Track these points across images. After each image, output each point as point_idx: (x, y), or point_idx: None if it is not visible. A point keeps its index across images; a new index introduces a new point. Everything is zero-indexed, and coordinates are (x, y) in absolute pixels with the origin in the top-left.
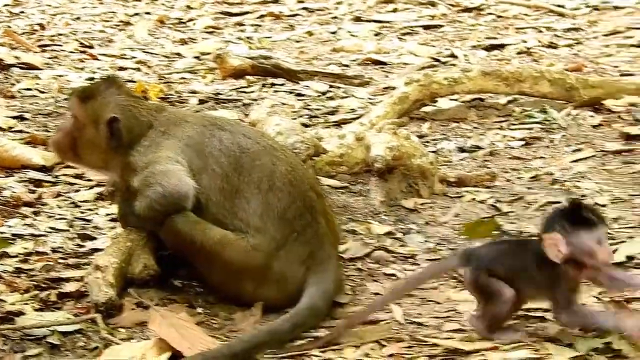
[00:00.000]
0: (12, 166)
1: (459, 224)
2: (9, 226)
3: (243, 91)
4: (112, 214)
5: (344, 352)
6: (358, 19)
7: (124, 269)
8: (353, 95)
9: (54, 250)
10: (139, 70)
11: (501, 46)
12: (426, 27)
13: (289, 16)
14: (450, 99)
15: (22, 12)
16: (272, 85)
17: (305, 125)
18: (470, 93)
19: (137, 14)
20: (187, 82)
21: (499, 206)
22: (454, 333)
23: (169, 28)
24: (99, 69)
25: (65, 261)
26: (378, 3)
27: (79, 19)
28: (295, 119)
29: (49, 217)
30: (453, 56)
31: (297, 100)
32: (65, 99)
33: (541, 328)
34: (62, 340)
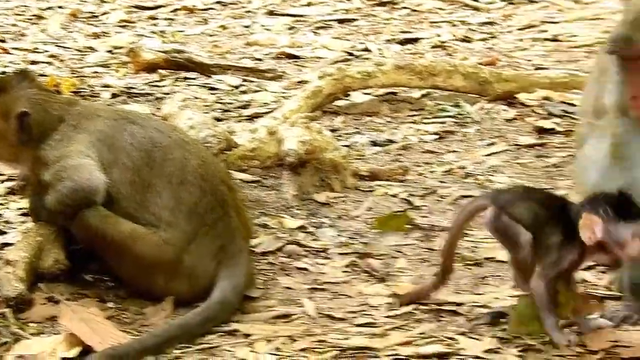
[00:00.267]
0: None
1: (371, 217)
2: None
3: (156, 85)
4: (23, 208)
5: (255, 346)
6: (272, 13)
7: (34, 263)
8: (266, 89)
9: None
10: (51, 64)
11: (415, 40)
12: (340, 21)
13: (202, 10)
14: (364, 93)
15: None
16: (185, 79)
17: (218, 119)
18: (383, 87)
19: (50, 7)
20: (100, 76)
21: (411, 200)
22: (366, 327)
23: (82, 22)
24: (11, 62)
25: None
26: None
27: None
28: (208, 112)
29: None
30: (367, 50)
31: (210, 94)
32: None
33: (453, 321)
34: None
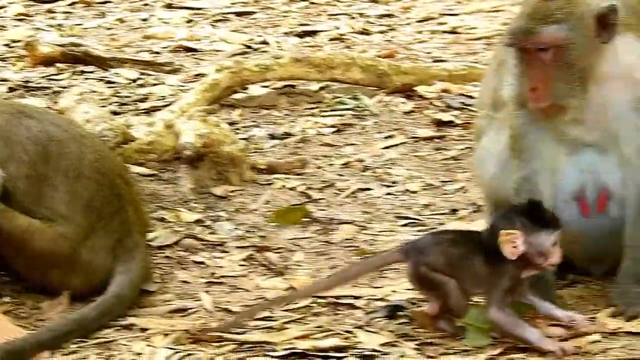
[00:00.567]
0: None
1: (269, 211)
2: None
3: (53, 79)
4: None
5: (152, 340)
6: (170, 6)
7: None
8: (164, 83)
9: None
10: None
11: (314, 33)
12: (238, 14)
13: (100, 3)
14: (262, 86)
15: None
16: (82, 72)
17: (115, 113)
18: (281, 80)
19: None
20: None
21: (309, 193)
22: (263, 321)
23: None
24: None
25: None
26: None
27: None
28: (105, 106)
29: None
30: (265, 43)
31: (107, 87)
32: None
33: (350, 315)
34: None
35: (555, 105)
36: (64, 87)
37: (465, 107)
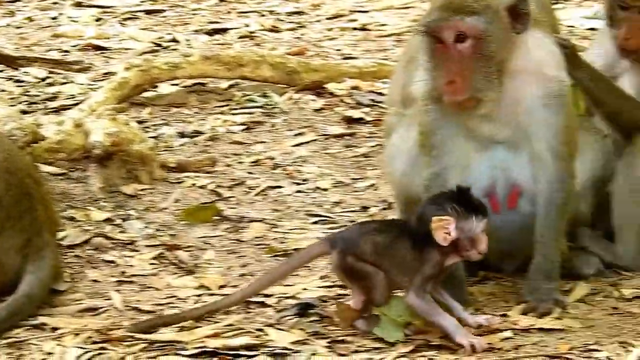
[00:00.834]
0: None
1: (179, 209)
2: None
3: None
4: None
5: (62, 339)
6: (79, 5)
7: None
8: (73, 82)
9: None
10: None
11: (223, 30)
12: (148, 12)
13: (9, 2)
14: (171, 84)
15: None
16: None
17: (24, 112)
18: (191, 78)
19: None
20: None
21: (219, 191)
22: None
23: None
24: None
25: None
26: None
27: None
28: (14, 105)
29: None
30: (175, 41)
31: (16, 86)
32: None
33: (261, 313)
34: None
35: (472, 99)
36: None
37: (376, 104)
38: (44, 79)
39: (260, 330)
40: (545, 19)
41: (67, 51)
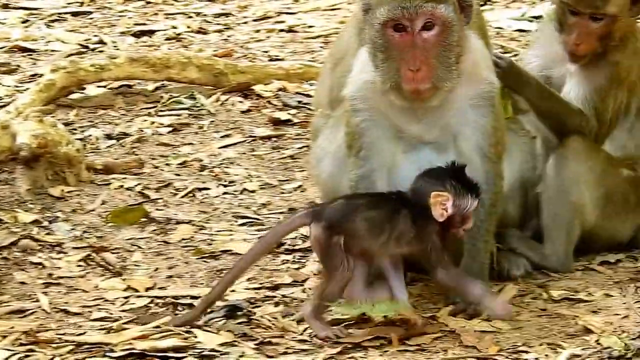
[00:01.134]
0: None
1: (106, 211)
2: None
3: None
4: None
5: None
6: (5, 6)
7: None
8: (0, 83)
9: None
10: None
11: (150, 32)
12: (74, 14)
13: None
14: (98, 86)
15: None
16: None
17: None
18: (118, 80)
19: None
20: None
21: (147, 193)
22: (102, 322)
23: None
24: None
25: None
26: None
27: None
28: None
29: None
30: (102, 43)
31: None
32: None
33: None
34: None
35: (431, 89)
36: None
37: (303, 105)
38: None
39: (189, 332)
40: (475, 19)
41: None
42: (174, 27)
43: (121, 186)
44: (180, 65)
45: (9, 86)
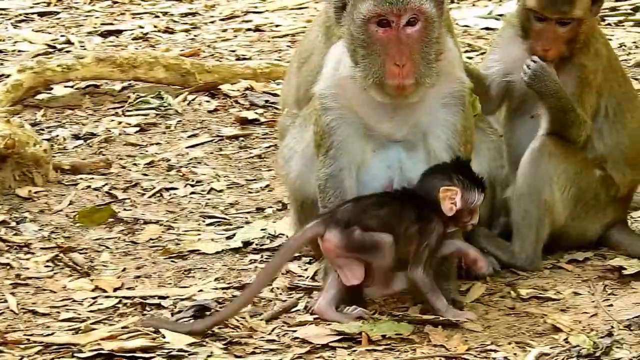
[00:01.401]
0: None
1: (74, 211)
2: None
3: None
4: None
5: None
6: None
7: None
8: None
9: None
10: None
11: (117, 32)
12: (41, 14)
13: None
14: (65, 86)
15: None
16: None
17: None
18: (85, 80)
19: None
20: None
21: (114, 193)
22: (70, 322)
23: None
24: None
25: None
26: None
27: None
28: None
29: None
30: (69, 43)
31: None
32: None
33: (157, 315)
34: None
35: (414, 84)
36: None
37: (270, 105)
38: None
39: (157, 332)
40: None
41: None
42: (141, 27)
43: (89, 186)
44: (148, 65)
45: None
